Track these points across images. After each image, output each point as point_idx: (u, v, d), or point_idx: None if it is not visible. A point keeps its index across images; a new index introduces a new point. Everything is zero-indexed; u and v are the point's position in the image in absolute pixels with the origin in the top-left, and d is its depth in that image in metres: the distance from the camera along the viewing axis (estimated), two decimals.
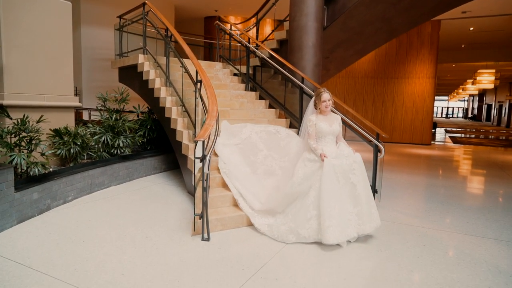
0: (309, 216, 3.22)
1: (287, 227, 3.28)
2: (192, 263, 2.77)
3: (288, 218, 3.35)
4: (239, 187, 3.85)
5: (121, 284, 2.42)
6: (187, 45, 4.79)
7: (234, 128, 4.75)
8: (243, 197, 3.77)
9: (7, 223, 3.36)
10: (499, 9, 10.90)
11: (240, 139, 4.55)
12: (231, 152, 4.31)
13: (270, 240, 3.30)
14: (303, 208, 3.28)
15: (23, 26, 4.38)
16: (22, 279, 2.45)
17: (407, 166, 7.77)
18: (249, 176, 4.04)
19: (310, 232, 3.17)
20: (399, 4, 5.91)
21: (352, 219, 3.23)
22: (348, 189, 3.28)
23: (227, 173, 4.01)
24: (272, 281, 2.54)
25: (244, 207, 3.67)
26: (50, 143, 4.52)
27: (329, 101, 3.55)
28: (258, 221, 3.50)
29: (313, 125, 3.52)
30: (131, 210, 4.03)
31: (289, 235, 3.22)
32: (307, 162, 3.45)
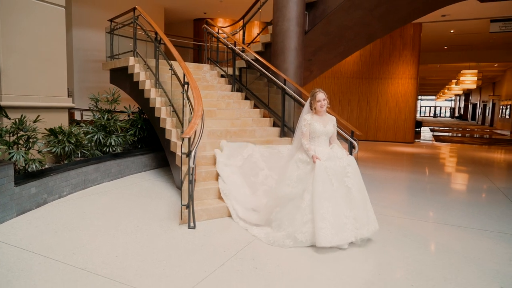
0: (305, 220, 3.19)
1: (285, 232, 3.25)
2: (179, 247, 3.09)
3: (285, 225, 3.31)
4: (238, 209, 3.85)
5: (115, 264, 2.73)
6: (175, 49, 5.10)
7: (234, 146, 4.79)
8: (240, 217, 3.78)
9: (7, 215, 3.64)
10: (477, 13, 11.41)
11: (242, 159, 4.58)
12: (232, 172, 4.34)
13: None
14: (300, 213, 3.24)
15: (20, 31, 4.64)
16: (26, 261, 2.75)
17: (388, 163, 8.18)
18: (248, 198, 4.06)
19: (307, 236, 3.14)
20: (375, 11, 6.30)
21: (348, 223, 3.18)
22: (343, 192, 3.25)
23: (227, 195, 4.02)
24: (249, 261, 2.88)
25: (241, 223, 3.70)
26: (46, 142, 4.79)
27: (324, 101, 3.51)
28: (255, 231, 3.47)
29: (307, 124, 3.50)
30: (123, 204, 4.33)
31: (285, 240, 3.19)
32: (300, 164, 3.43)
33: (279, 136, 5.78)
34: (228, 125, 5.55)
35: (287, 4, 5.86)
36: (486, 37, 14.60)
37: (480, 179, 6.68)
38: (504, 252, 3.21)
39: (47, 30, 4.99)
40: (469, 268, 2.87)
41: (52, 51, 5.07)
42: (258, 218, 3.64)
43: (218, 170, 4.35)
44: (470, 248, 3.29)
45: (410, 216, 4.19)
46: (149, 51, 6.50)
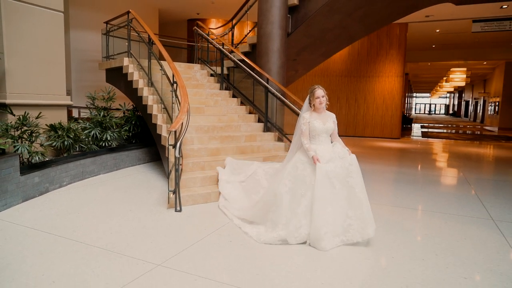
0: (299, 225, 3.16)
1: (277, 234, 3.20)
2: (165, 227, 3.55)
3: (279, 227, 3.24)
4: (235, 213, 3.87)
5: (110, 239, 3.19)
6: (165, 51, 5.54)
7: (239, 163, 4.84)
8: (237, 216, 3.80)
9: (14, 201, 4.09)
10: (458, 13, 11.87)
11: (245, 176, 4.55)
12: (233, 188, 4.38)
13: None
14: (295, 218, 3.20)
15: (22, 35, 5.07)
16: (33, 237, 3.20)
17: (370, 157, 8.66)
18: (247, 207, 3.99)
19: (298, 239, 3.15)
20: (354, 14, 6.75)
21: (353, 223, 3.14)
22: (346, 192, 3.19)
23: (227, 207, 4.05)
24: (226, 236, 3.35)
25: (235, 221, 3.71)
26: (47, 136, 5.23)
27: (323, 98, 3.41)
28: (247, 229, 3.46)
29: (306, 123, 3.41)
30: (118, 192, 4.79)
31: (277, 242, 3.18)
32: (299, 164, 3.34)
33: (263, 131, 6.24)
34: (215, 121, 5.99)
35: (270, 8, 6.30)
36: (471, 36, 15.07)
37: (451, 170, 7.16)
38: (450, 228, 3.69)
39: (47, 33, 5.41)
40: (418, 244, 3.35)
41: (52, 53, 5.50)
42: (253, 215, 3.62)
43: (219, 189, 4.39)
44: (422, 226, 3.77)
45: (376, 202, 4.67)
46: (142, 51, 6.92)
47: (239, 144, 5.69)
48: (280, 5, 6.33)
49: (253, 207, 3.72)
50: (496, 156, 9.86)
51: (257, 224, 3.51)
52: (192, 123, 5.57)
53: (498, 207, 4.53)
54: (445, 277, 2.65)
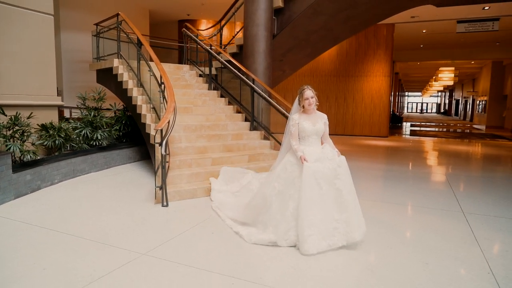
0: (288, 228, 3.12)
1: (267, 237, 3.18)
2: (151, 220, 3.75)
3: (269, 230, 3.23)
4: (229, 214, 3.84)
5: (99, 232, 3.37)
6: (154, 53, 5.73)
7: (235, 171, 4.89)
8: (230, 217, 3.78)
9: (6, 198, 4.25)
10: (443, 14, 12.18)
11: (239, 186, 4.56)
12: (225, 197, 4.36)
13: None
14: (284, 220, 3.16)
15: (14, 37, 5.22)
16: (26, 231, 3.38)
17: (360, 154, 8.92)
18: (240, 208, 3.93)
19: (288, 242, 3.12)
20: (337, 16, 6.99)
21: (339, 227, 3.07)
22: (333, 195, 3.13)
23: (219, 208, 4.06)
24: (209, 228, 3.56)
25: (228, 221, 3.70)
26: (38, 136, 5.38)
27: (312, 99, 3.34)
28: (239, 228, 3.46)
29: (295, 124, 3.36)
30: (108, 189, 4.97)
31: (266, 242, 3.17)
32: (288, 166, 3.29)
33: (249, 130, 6.45)
34: (203, 120, 6.19)
35: (255, 11, 6.51)
36: (457, 36, 15.42)
37: (431, 166, 7.44)
38: (423, 220, 3.94)
39: (38, 36, 5.57)
40: (388, 234, 3.58)
41: (43, 55, 5.66)
42: (245, 216, 3.60)
43: (211, 198, 4.44)
44: (396, 218, 4.01)
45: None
46: (132, 52, 7.07)
47: (226, 142, 5.89)
48: (265, 8, 6.54)
49: (244, 209, 3.68)
50: (478, 154, 10.18)
51: (249, 225, 3.48)
52: (180, 122, 5.77)
53: (469, 201, 4.79)
54: (406, 262, 2.89)
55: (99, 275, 2.56)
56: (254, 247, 3.14)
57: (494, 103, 21.85)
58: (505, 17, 12.30)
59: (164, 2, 11.53)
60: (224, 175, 4.86)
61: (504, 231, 3.65)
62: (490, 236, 3.52)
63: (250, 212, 3.56)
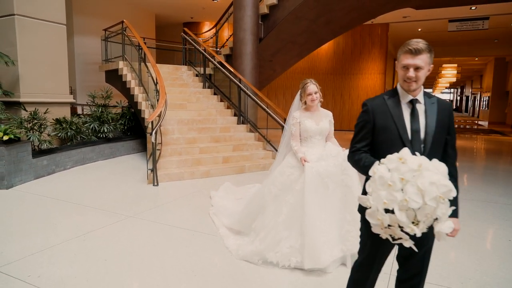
0: (278, 238, 2.75)
1: (254, 247, 2.81)
2: (142, 195, 4.61)
3: (259, 238, 2.86)
4: (225, 221, 3.54)
5: (99, 202, 4.25)
6: (151, 56, 6.60)
7: (238, 190, 4.57)
8: (225, 225, 3.49)
9: (28, 178, 5.19)
10: (434, 14, 12.69)
11: (242, 195, 4.28)
12: (228, 201, 4.13)
13: (196, 184, 5.14)
14: (274, 229, 2.80)
15: (32, 45, 6.16)
16: (44, 202, 4.29)
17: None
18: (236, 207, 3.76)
19: (278, 256, 2.69)
20: (318, 21, 7.72)
21: (352, 229, 2.65)
22: (341, 193, 2.75)
23: (216, 214, 3.79)
24: (188, 200, 4.39)
25: (221, 230, 3.39)
26: (53, 128, 6.32)
27: (316, 94, 2.95)
28: (230, 242, 3.11)
29: (297, 123, 2.99)
30: (111, 174, 5.86)
31: (254, 257, 2.78)
32: (287, 169, 2.95)
33: (237, 124, 7.26)
34: (195, 115, 7.02)
35: (243, 17, 7.30)
36: (454, 34, 15.83)
37: None
38: None
39: (52, 43, 6.49)
40: None
41: (56, 60, 6.58)
42: (240, 223, 3.31)
43: (211, 203, 4.18)
44: None
45: None
46: (136, 55, 7.95)
47: (214, 134, 6.72)
48: (251, 14, 7.33)
49: (240, 215, 3.38)
50: (462, 147, 10.73)
51: (243, 234, 3.18)
52: (174, 117, 6.63)
53: None
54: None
55: (95, 228, 3.43)
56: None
57: (497, 99, 22.04)
58: (494, 16, 12.72)
59: (168, 6, 12.41)
60: (226, 189, 4.54)
61: None
62: None
63: (245, 218, 3.26)
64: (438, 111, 1.59)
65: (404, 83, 1.58)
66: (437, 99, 1.64)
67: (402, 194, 1.18)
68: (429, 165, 1.24)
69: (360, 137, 1.68)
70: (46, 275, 2.55)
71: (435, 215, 1.18)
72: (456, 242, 3.23)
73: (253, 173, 6.09)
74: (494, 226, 3.72)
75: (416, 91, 1.60)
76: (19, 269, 2.63)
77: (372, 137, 1.64)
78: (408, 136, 1.56)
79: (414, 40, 1.55)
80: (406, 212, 1.19)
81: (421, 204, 1.17)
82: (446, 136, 1.62)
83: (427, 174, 1.19)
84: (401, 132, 1.56)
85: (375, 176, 1.29)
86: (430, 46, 1.56)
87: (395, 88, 1.66)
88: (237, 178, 5.71)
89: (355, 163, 1.65)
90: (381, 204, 1.22)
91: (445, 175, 1.26)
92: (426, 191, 1.17)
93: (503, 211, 4.18)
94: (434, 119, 1.58)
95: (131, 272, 2.62)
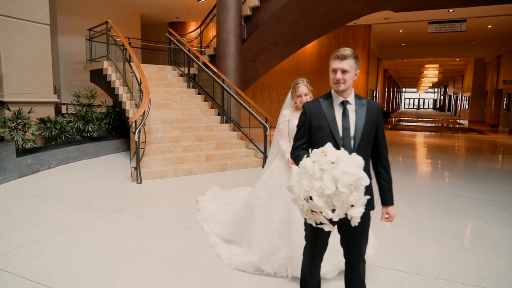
0: (273, 248, 2.63)
1: (249, 259, 2.70)
2: (125, 192, 4.75)
3: (253, 249, 2.74)
4: (214, 228, 3.40)
5: (82, 199, 4.37)
6: (135, 57, 6.72)
7: (226, 193, 4.40)
8: (215, 232, 3.34)
9: (12, 176, 5.26)
10: (414, 16, 13.08)
11: (230, 199, 4.10)
12: (216, 206, 3.96)
13: (179, 181, 5.30)
14: (267, 238, 2.68)
15: (16, 45, 6.20)
16: (28, 199, 4.38)
17: None
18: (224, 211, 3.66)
19: (275, 267, 2.59)
20: (299, 22, 7.94)
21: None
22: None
23: (204, 219, 3.65)
24: (170, 198, 4.55)
25: (211, 238, 3.26)
26: (37, 128, 6.38)
27: (306, 96, 2.82)
28: (221, 250, 2.99)
29: (285, 121, 2.91)
30: (96, 172, 5.97)
31: (249, 268, 2.68)
32: (276, 172, 2.85)
33: (220, 123, 7.43)
34: (179, 114, 7.16)
35: (226, 19, 7.47)
36: (435, 35, 16.29)
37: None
38: None
39: (36, 43, 6.54)
40: None
41: (41, 59, 6.64)
42: (231, 232, 3.17)
43: (199, 208, 4.04)
44: None
45: None
46: (120, 55, 8.04)
47: (198, 133, 6.88)
48: (234, 16, 7.50)
49: (230, 223, 3.24)
50: (436, 144, 11.13)
51: (235, 243, 3.05)
52: (159, 116, 6.76)
53: (398, 180, 5.75)
54: None
55: (79, 223, 3.57)
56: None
57: (477, 99, 22.72)
58: (471, 18, 13.18)
59: (154, 6, 12.47)
60: (213, 193, 4.38)
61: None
62: None
63: (236, 226, 3.12)
64: (367, 111, 1.82)
65: (334, 85, 1.81)
66: (367, 101, 1.87)
67: (320, 182, 1.38)
68: (347, 157, 1.44)
69: (299, 136, 1.89)
70: (31, 267, 2.69)
71: (350, 202, 1.39)
72: (423, 234, 3.49)
73: (235, 171, 6.28)
74: (459, 218, 3.99)
75: (346, 93, 1.83)
76: (4, 261, 2.76)
77: (310, 135, 1.86)
78: (339, 134, 1.78)
79: (342, 48, 1.80)
80: (325, 199, 1.38)
81: (334, 190, 1.37)
82: (376, 134, 1.85)
83: (342, 165, 1.39)
84: (333, 130, 1.78)
85: (301, 166, 1.49)
86: (356, 53, 1.80)
87: (329, 92, 1.88)
88: (219, 175, 5.89)
89: (295, 158, 1.84)
90: (302, 191, 1.42)
91: (360, 167, 1.45)
92: (339, 179, 1.37)
93: (468, 205, 4.47)
94: (363, 118, 1.80)
95: (112, 262, 2.78)
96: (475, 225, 3.77)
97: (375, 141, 1.86)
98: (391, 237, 3.39)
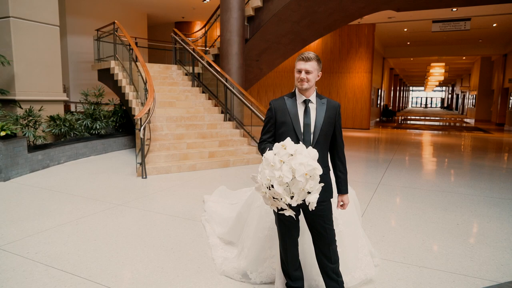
0: (263, 257, 2.47)
1: (237, 264, 2.57)
2: (131, 186, 4.98)
3: (244, 252, 2.61)
4: (216, 229, 3.34)
5: (90, 192, 4.61)
6: (141, 56, 6.93)
7: (233, 193, 4.25)
8: (216, 234, 3.27)
9: (23, 171, 5.52)
10: (418, 15, 13.11)
11: (237, 200, 3.91)
12: (222, 207, 3.83)
13: (182, 176, 5.51)
14: (258, 244, 2.51)
15: (27, 46, 6.47)
16: (38, 192, 4.63)
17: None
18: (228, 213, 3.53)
19: (263, 276, 2.45)
20: (301, 22, 8.10)
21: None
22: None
23: (208, 220, 3.60)
24: (173, 192, 4.76)
25: (211, 239, 3.18)
26: (48, 125, 6.64)
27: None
28: (218, 253, 2.89)
29: None
30: (104, 168, 6.21)
31: (235, 275, 2.53)
32: None
33: (223, 121, 7.63)
34: (184, 112, 7.38)
35: (229, 19, 7.66)
36: (440, 34, 16.29)
37: (384, 151, 8.53)
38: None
39: (46, 43, 6.80)
40: None
41: (50, 59, 6.90)
42: (232, 232, 3.08)
43: (204, 208, 3.99)
44: None
45: None
46: (127, 55, 8.28)
47: (201, 130, 7.08)
48: (237, 17, 7.68)
49: (232, 223, 3.15)
50: (436, 142, 11.20)
51: (234, 244, 2.99)
52: (164, 114, 6.98)
53: (391, 176, 5.91)
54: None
55: (87, 214, 3.80)
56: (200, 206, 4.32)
57: (483, 97, 22.61)
58: (476, 17, 13.18)
59: (160, 6, 12.71)
60: (220, 193, 4.32)
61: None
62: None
63: (234, 226, 3.05)
64: (326, 109, 2.03)
65: (299, 83, 2.00)
66: (327, 100, 2.08)
67: (280, 172, 1.57)
68: (303, 150, 1.65)
69: (266, 130, 2.10)
70: (42, 252, 2.91)
71: (307, 189, 1.59)
72: (413, 227, 3.64)
73: (237, 167, 6.48)
74: (451, 213, 4.14)
75: (309, 92, 2.03)
76: (18, 247, 2.99)
77: (275, 130, 2.06)
78: (300, 129, 1.99)
79: (306, 51, 2.02)
80: (284, 187, 1.59)
81: (292, 179, 1.57)
82: (334, 130, 2.06)
83: (299, 157, 1.60)
84: (295, 126, 1.98)
85: (264, 158, 1.70)
86: (318, 57, 2.01)
87: (293, 91, 2.09)
88: (222, 171, 6.09)
89: (262, 151, 2.03)
90: (265, 180, 1.62)
91: (315, 158, 1.66)
92: (296, 169, 1.57)
93: (462, 200, 4.61)
94: (323, 115, 2.00)
95: (117, 249, 2.99)
96: (465, 220, 3.92)
97: (333, 137, 2.07)
98: (381, 230, 3.55)
